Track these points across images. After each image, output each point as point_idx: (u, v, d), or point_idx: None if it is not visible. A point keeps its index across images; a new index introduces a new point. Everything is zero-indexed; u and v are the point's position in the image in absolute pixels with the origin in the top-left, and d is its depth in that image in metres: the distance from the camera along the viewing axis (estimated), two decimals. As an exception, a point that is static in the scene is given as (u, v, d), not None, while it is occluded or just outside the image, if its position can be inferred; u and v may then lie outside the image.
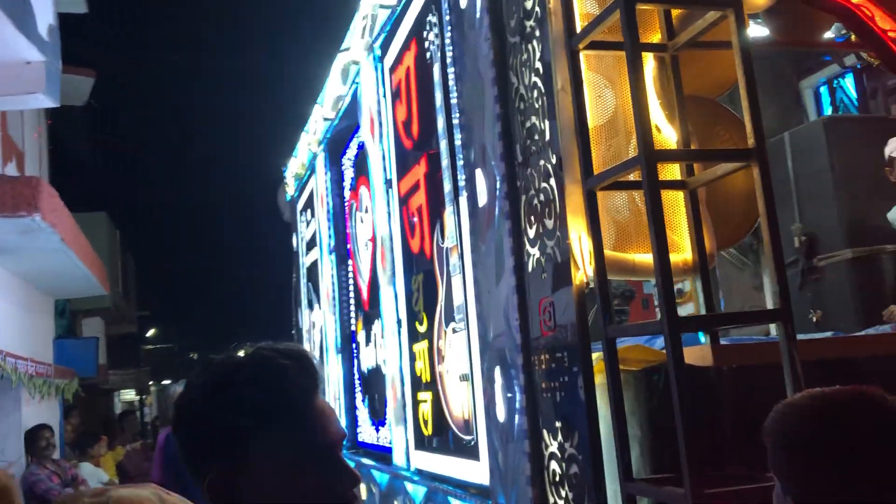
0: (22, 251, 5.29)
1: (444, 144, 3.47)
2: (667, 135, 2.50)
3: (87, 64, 9.44)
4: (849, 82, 5.49)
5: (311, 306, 7.11)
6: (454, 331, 3.50)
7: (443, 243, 3.59)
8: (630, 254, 2.47)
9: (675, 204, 2.46)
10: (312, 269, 6.93)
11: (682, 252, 2.45)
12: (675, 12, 2.52)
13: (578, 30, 2.41)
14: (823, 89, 5.62)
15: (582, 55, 2.43)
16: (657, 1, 2.40)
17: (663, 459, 2.40)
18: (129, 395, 23.37)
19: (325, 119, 5.92)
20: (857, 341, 2.76)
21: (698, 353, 2.39)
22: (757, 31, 3.64)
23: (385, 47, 4.40)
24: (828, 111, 5.58)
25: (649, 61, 2.56)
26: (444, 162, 3.47)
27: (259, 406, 1.02)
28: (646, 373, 2.42)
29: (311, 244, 7.01)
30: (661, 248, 2.05)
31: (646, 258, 2.46)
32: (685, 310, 5.70)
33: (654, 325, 2.33)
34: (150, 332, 28.18)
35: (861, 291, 4.36)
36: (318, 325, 6.67)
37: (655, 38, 2.56)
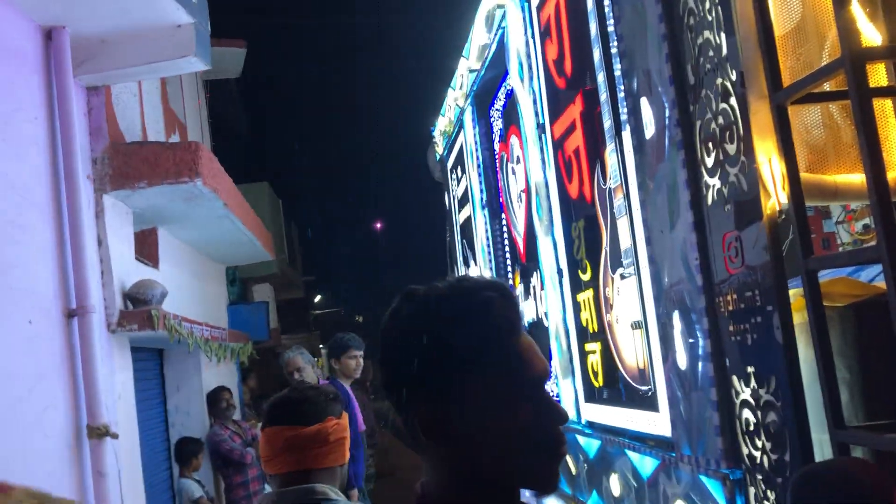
0: (189, 219, 5.51)
1: (601, 77, 3.24)
2: (869, 36, 2.17)
3: (238, 35, 9.76)
4: None
5: (466, 263, 7.07)
6: (622, 277, 3.29)
7: (605, 184, 3.38)
8: (829, 175, 2.18)
9: (883, 115, 2.14)
10: (466, 226, 6.88)
11: (893, 170, 2.13)
12: None
13: (758, -76, 2.12)
14: None
15: (762, -46, 2.14)
16: None
17: (878, 405, 2.13)
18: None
19: (472, 71, 5.78)
20: None
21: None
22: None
23: (531, -15, 4.19)
24: None
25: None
26: (603, 96, 3.24)
27: (470, 340, 0.97)
28: (854, 308, 2.14)
29: (463, 201, 6.94)
30: (875, 162, 1.76)
31: (849, 178, 2.17)
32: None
33: (867, 252, 2.05)
34: (317, 299, 29.48)
35: None
36: (475, 281, 6.61)
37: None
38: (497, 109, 5.65)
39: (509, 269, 5.74)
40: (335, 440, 1.87)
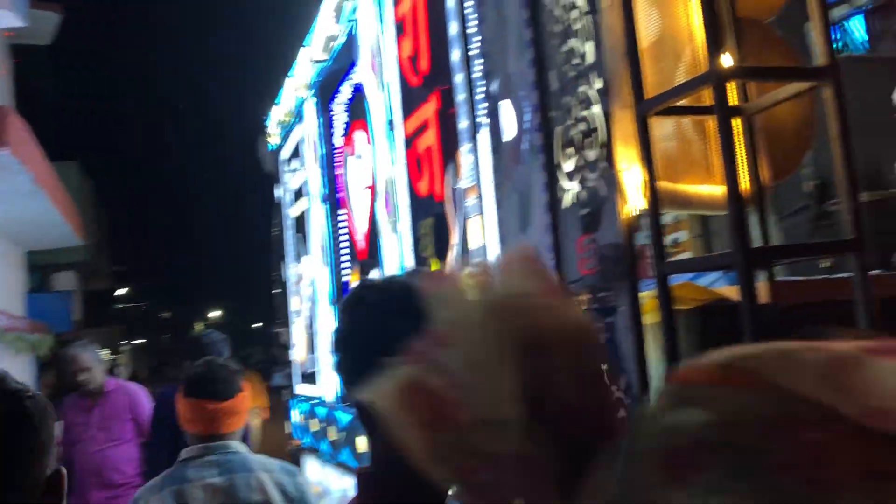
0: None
1: (460, 77, 3.26)
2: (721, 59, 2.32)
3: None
4: (857, 24, 5.35)
5: (298, 258, 6.90)
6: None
7: (457, 184, 3.41)
8: (681, 185, 2.31)
9: (736, 133, 2.29)
10: (301, 220, 6.71)
11: (743, 184, 2.29)
12: (729, -76, 2.32)
13: (629, -59, 2.21)
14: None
15: (630, -30, 2.23)
16: None
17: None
18: (102, 353, 23.03)
19: (315, 62, 5.64)
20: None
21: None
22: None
23: (387, -21, 4.15)
24: (834, 54, 5.43)
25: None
26: (461, 96, 3.26)
27: None
28: (697, 312, 2.28)
29: (298, 194, 6.77)
30: (732, 176, 1.88)
31: (699, 189, 2.31)
32: (684, 259, 5.58)
33: (720, 258, 2.19)
34: (123, 291, 27.70)
35: (877, 235, 4.27)
36: (308, 277, 6.47)
37: (705, -47, 2.37)
38: (341, 103, 5.56)
39: (347, 265, 5.66)
40: (242, 410, 2.34)
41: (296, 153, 6.77)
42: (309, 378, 6.35)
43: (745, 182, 2.26)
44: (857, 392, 0.35)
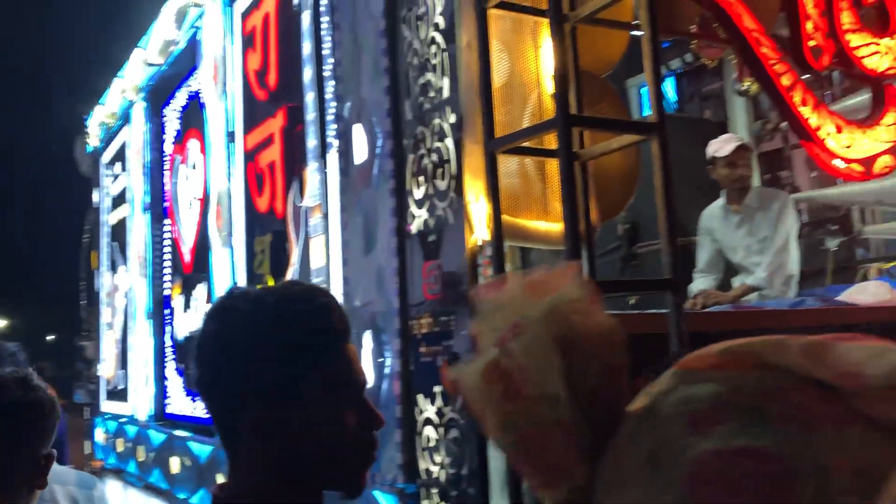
0: None
1: (311, 97, 3.28)
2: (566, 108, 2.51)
3: None
4: (670, 85, 5.92)
5: (114, 267, 6.52)
6: (309, 294, 3.33)
7: (301, 202, 3.41)
8: (522, 220, 2.47)
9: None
10: (119, 228, 6.36)
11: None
12: (577, -15, 2.53)
13: (488, -12, 2.36)
14: (645, 90, 6.01)
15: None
16: (576, -32, 2.40)
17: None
18: None
19: (150, 65, 5.42)
20: (714, 318, 2.98)
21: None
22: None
23: (238, -10, 4.11)
24: (648, 111, 5.98)
25: (545, 31, 2.57)
26: (311, 115, 3.28)
27: (312, 343, 0.98)
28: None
29: (118, 201, 6.42)
30: (572, 215, 2.06)
31: (538, 225, 2.48)
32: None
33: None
34: None
35: (675, 277, 4.71)
36: (123, 288, 6.13)
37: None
38: (175, 109, 5.37)
39: (168, 278, 5.43)
40: None
41: (118, 157, 6.43)
42: (117, 395, 5.99)
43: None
44: (830, 363, 0.47)
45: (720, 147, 4.17)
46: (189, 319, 4.92)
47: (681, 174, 4.87)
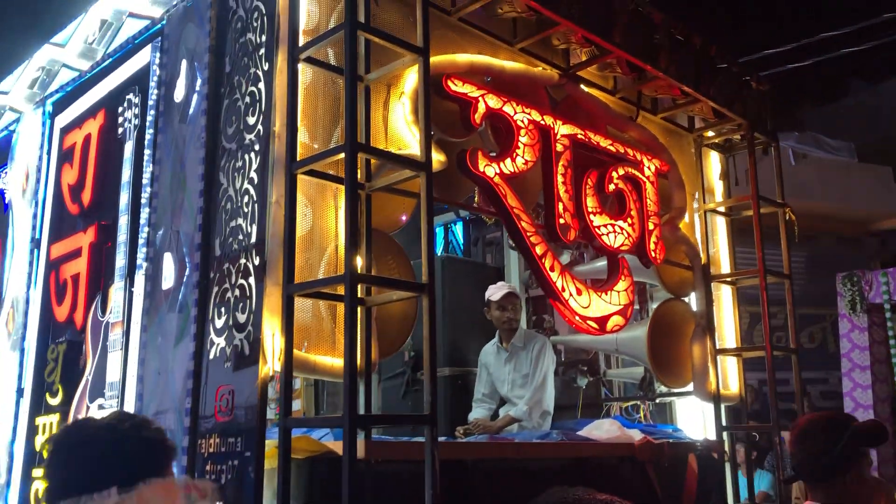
0: None
1: (124, 220, 3.51)
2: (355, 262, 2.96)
3: None
4: (459, 229, 6.64)
5: None
6: (101, 406, 3.45)
7: (103, 317, 3.57)
8: (311, 355, 2.84)
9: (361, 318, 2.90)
10: None
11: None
12: (373, 160, 3.03)
13: (298, 157, 2.80)
14: (439, 230, 6.68)
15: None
16: (373, 153, 2.90)
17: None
18: None
19: (-49, 156, 5.33)
20: (470, 447, 3.44)
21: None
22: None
23: (60, 106, 4.28)
24: (440, 250, 6.64)
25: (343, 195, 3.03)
26: (122, 237, 3.50)
27: (149, 458, 1.36)
28: (309, 462, 2.76)
29: None
30: (352, 354, 2.46)
31: (325, 360, 2.85)
32: (296, 404, 6.12)
33: (334, 420, 2.70)
34: None
35: (453, 403, 5.23)
36: None
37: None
38: (-27, 204, 5.28)
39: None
40: None
41: None
42: None
43: (359, 357, 2.85)
44: None
45: (494, 292, 4.82)
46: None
47: (467, 312, 5.51)
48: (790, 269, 4.74)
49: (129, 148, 3.61)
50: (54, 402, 3.80)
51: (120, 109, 3.71)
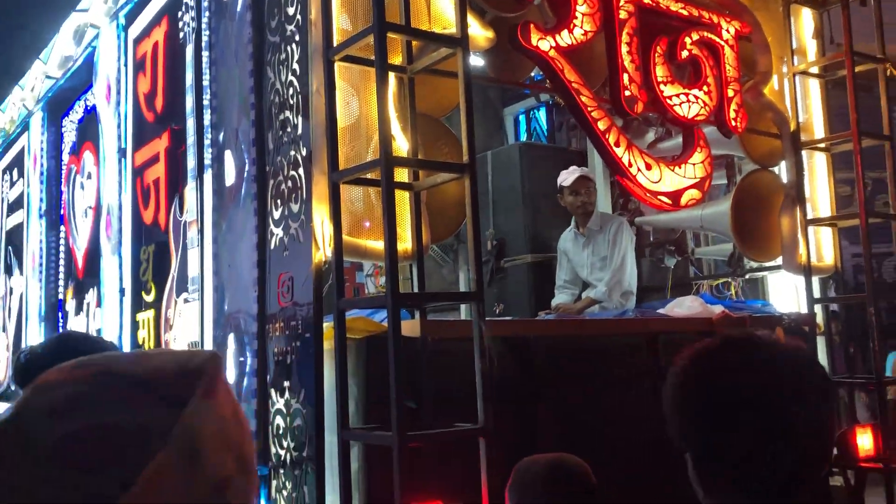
0: None
1: (191, 122, 3.64)
2: (400, 144, 2.96)
3: None
4: (542, 115, 6.48)
5: (9, 272, 6.65)
6: (186, 301, 3.68)
7: (181, 217, 3.75)
8: (362, 240, 2.90)
9: (401, 202, 2.92)
10: (15, 233, 6.51)
11: (404, 242, 2.93)
12: (415, 43, 2.99)
13: (335, 43, 2.78)
14: (521, 118, 6.56)
15: (336, 65, 2.81)
16: (403, 32, 2.85)
17: (374, 414, 2.86)
18: None
19: (49, 77, 5.64)
20: (530, 324, 3.46)
21: (409, 326, 2.88)
22: (475, 62, 4.28)
23: (131, 18, 4.41)
24: (523, 137, 6.53)
25: (390, 80, 3.01)
26: (190, 139, 3.64)
27: None
28: (367, 340, 2.86)
29: (14, 206, 6.57)
30: (391, 237, 2.49)
31: (375, 244, 2.91)
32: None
33: (379, 300, 2.78)
34: None
35: (536, 289, 5.25)
36: (18, 291, 6.29)
37: (397, 59, 3.01)
38: (73, 121, 5.60)
39: (62, 282, 5.65)
40: None
41: (17, 163, 6.58)
42: (6, 397, 6.13)
43: (406, 241, 2.90)
44: None
45: (566, 177, 4.72)
46: (80, 323, 5.15)
47: (548, 199, 5.44)
48: (891, 131, 4.38)
49: (189, 51, 3.70)
50: (149, 298, 4.08)
51: (179, 14, 3.79)
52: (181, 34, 3.78)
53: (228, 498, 0.68)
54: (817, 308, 4.30)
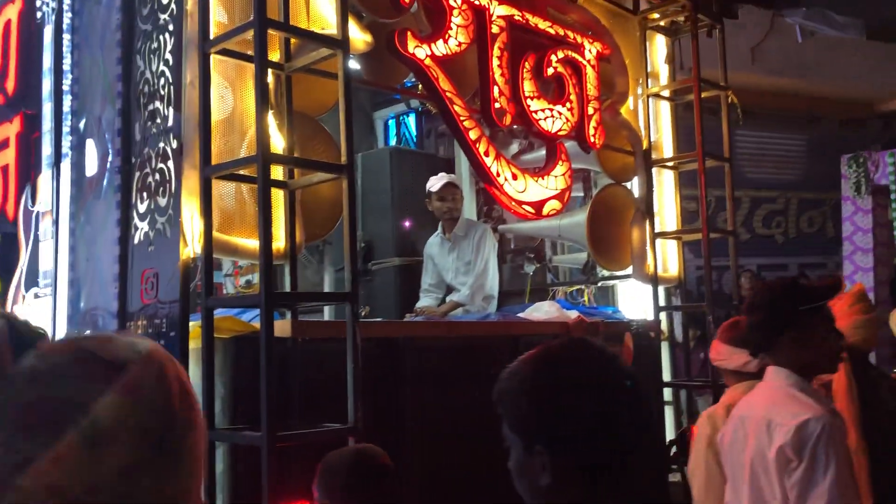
0: None
1: (48, 107, 3.45)
2: (276, 141, 2.93)
3: None
4: (412, 121, 6.56)
5: None
6: (36, 296, 3.48)
7: (33, 207, 3.55)
8: (234, 237, 2.86)
9: (275, 200, 2.91)
10: None
11: (277, 241, 2.91)
12: (293, 41, 2.98)
13: (212, 36, 2.73)
14: (392, 122, 6.61)
15: (211, 58, 2.75)
16: (285, 30, 2.83)
17: (239, 414, 2.82)
18: None
19: None
20: (401, 326, 3.52)
21: (279, 326, 2.86)
22: (350, 64, 4.30)
23: (-20, -9, 4.12)
24: (393, 142, 6.58)
25: (267, 76, 2.98)
26: (47, 125, 3.45)
27: None
28: (234, 340, 2.82)
29: None
30: (266, 236, 2.48)
31: (248, 242, 2.87)
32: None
33: (252, 299, 2.75)
34: None
35: (402, 291, 5.31)
36: None
37: (275, 56, 2.99)
38: None
39: None
40: None
41: None
42: None
43: (279, 240, 2.88)
44: None
45: (434, 183, 4.83)
46: None
47: (416, 203, 5.51)
48: (731, 153, 4.78)
49: (48, 33, 3.51)
50: (-8, 293, 3.83)
51: (37, -7, 3.59)
52: (40, 14, 3.58)
53: (143, 482, 0.71)
54: (662, 315, 4.61)
